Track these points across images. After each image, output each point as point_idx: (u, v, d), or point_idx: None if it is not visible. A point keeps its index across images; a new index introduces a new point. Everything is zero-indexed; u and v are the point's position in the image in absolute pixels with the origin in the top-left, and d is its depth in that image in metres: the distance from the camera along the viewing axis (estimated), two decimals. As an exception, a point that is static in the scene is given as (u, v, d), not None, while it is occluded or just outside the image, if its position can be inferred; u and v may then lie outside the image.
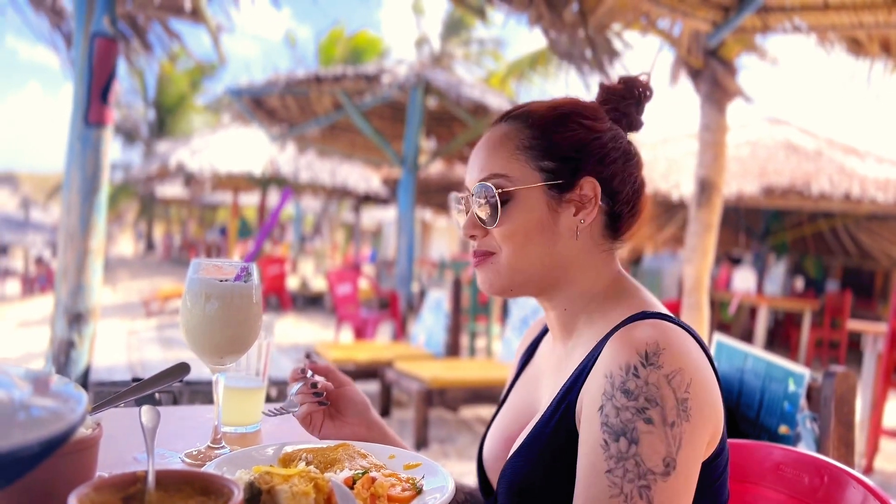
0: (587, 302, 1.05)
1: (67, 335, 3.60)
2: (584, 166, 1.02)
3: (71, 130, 3.43)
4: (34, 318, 13.50)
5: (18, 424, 0.51)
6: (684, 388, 0.86)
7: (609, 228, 1.06)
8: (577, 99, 1.09)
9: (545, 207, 1.02)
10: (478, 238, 1.06)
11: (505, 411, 1.19)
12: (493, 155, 1.04)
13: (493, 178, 1.02)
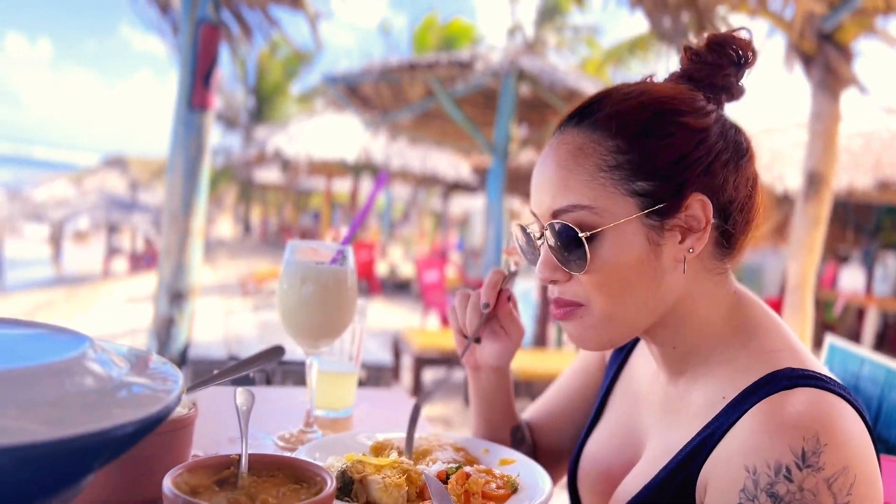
0: (701, 338, 0.86)
1: (169, 312, 3.75)
2: (689, 180, 0.80)
3: (175, 114, 3.55)
4: (140, 295, 14.26)
5: (117, 403, 0.50)
6: (846, 490, 0.69)
7: (721, 246, 0.86)
8: (668, 87, 0.86)
9: (644, 241, 0.80)
10: (559, 283, 0.85)
11: (603, 431, 1.03)
12: (569, 177, 0.81)
13: (573, 211, 0.81)
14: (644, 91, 0.84)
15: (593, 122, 0.83)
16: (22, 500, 0.47)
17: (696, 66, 0.88)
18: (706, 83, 0.87)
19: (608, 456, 0.98)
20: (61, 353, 0.53)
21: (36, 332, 0.60)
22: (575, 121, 0.85)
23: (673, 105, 0.82)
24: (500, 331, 1.06)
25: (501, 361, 1.07)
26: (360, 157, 13.53)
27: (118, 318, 12.10)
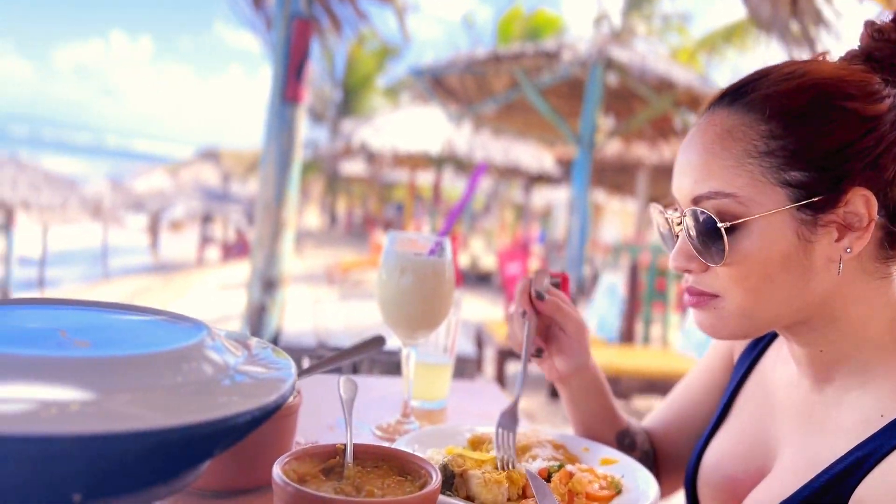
0: (854, 346, 0.78)
1: (261, 300, 3.87)
2: (851, 172, 0.73)
3: (269, 108, 3.64)
4: (232, 282, 14.80)
5: (235, 391, 0.51)
6: None
7: (884, 248, 0.77)
8: (837, 67, 0.77)
9: (793, 236, 0.74)
10: (694, 273, 0.80)
11: (728, 436, 0.96)
12: (713, 161, 0.76)
13: (714, 199, 0.75)
14: (807, 71, 0.76)
15: (746, 104, 0.76)
16: (144, 483, 0.48)
17: (878, 45, 0.79)
18: (887, 64, 0.78)
19: (733, 463, 0.92)
20: (181, 341, 0.54)
21: (157, 319, 0.61)
22: (727, 101, 0.78)
23: (839, 88, 0.74)
24: (559, 332, 1.01)
25: (576, 361, 1.01)
26: (443, 149, 13.60)
27: (211, 304, 12.60)
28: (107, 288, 16.82)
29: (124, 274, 18.98)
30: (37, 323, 0.54)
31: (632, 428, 1.08)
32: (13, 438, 0.37)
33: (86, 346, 0.50)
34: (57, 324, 0.54)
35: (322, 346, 3.75)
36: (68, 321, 0.56)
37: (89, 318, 0.58)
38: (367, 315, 5.32)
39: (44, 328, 0.53)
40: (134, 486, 0.47)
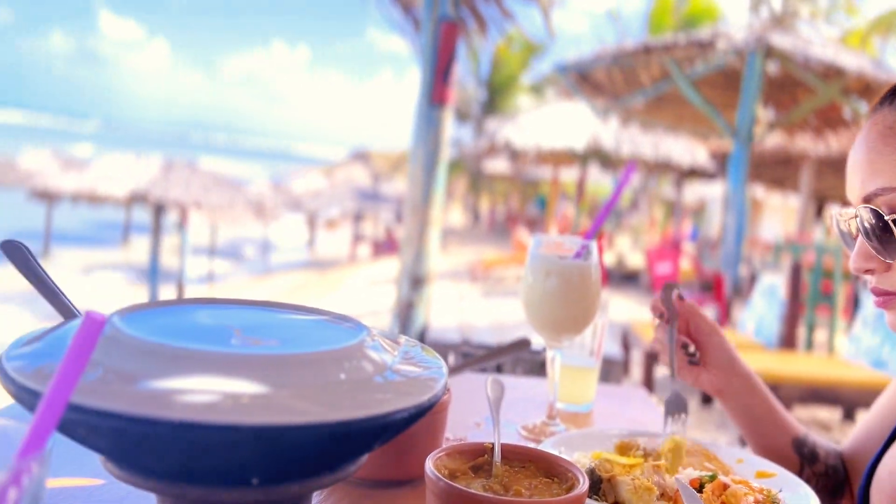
0: None
1: (409, 296, 3.99)
2: None
3: (416, 110, 3.75)
4: (381, 278, 15.36)
5: (392, 389, 0.54)
6: None
7: None
8: None
9: None
10: (876, 273, 0.79)
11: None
12: (877, 159, 0.76)
13: (882, 195, 0.75)
14: None
15: None
16: (311, 471, 0.52)
17: None
18: None
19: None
20: (344, 341, 0.58)
21: (321, 319, 0.66)
22: (889, 99, 0.79)
23: None
24: (697, 337, 1.01)
25: (722, 363, 1.00)
26: (588, 145, 13.36)
27: (362, 298, 13.14)
28: (268, 281, 17.98)
29: (284, 269, 20.22)
30: (213, 321, 0.60)
31: (812, 438, 1.02)
32: (198, 426, 0.42)
33: (258, 344, 0.55)
34: (231, 322, 0.60)
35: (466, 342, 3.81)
36: (241, 320, 0.61)
37: (260, 317, 0.64)
38: (510, 312, 5.35)
39: (220, 326, 0.59)
40: (302, 474, 0.52)
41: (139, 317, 0.52)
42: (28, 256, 0.62)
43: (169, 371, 0.45)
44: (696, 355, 1.02)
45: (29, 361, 0.45)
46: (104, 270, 17.07)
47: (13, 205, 17.02)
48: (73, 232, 21.25)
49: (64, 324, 0.53)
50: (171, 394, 0.43)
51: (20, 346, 0.49)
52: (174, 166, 12.41)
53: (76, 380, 0.37)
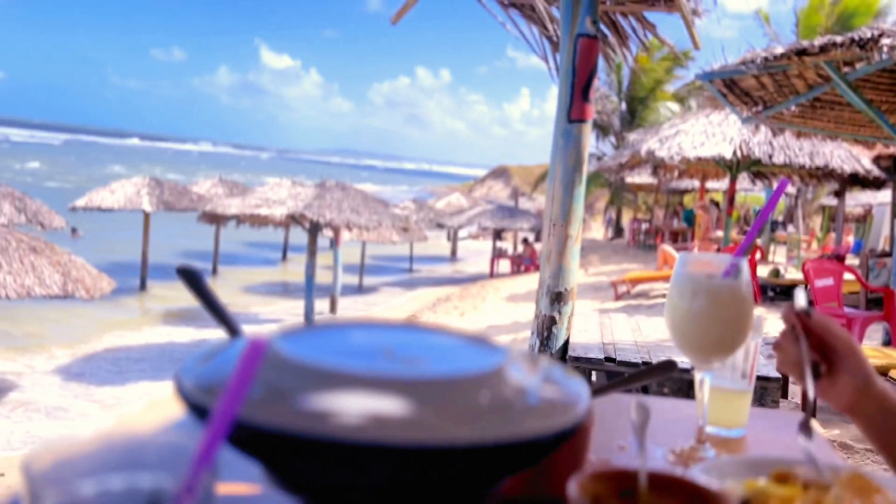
0: None
1: (549, 312, 3.96)
2: None
3: (555, 127, 3.74)
4: (520, 293, 15.34)
5: (535, 413, 0.54)
6: None
7: None
8: None
9: None
10: None
11: None
12: None
13: None
14: None
15: None
16: (454, 492, 0.54)
17: None
18: None
19: None
20: (487, 363, 0.59)
21: (464, 340, 0.68)
22: None
23: None
24: (830, 353, 0.94)
25: (856, 379, 0.92)
26: (737, 154, 12.71)
27: (502, 314, 13.18)
28: (413, 296, 18.45)
29: (427, 284, 20.69)
30: (365, 343, 0.63)
31: None
32: (348, 444, 0.45)
33: (407, 366, 0.57)
34: (381, 344, 0.63)
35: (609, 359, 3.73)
36: (390, 342, 0.64)
37: (407, 338, 0.67)
38: (654, 330, 5.17)
39: (371, 348, 0.61)
40: (447, 495, 0.53)
41: (297, 338, 0.56)
42: (200, 281, 0.68)
43: (324, 390, 0.48)
44: (820, 371, 0.95)
45: (201, 379, 0.50)
46: (265, 286, 18.24)
47: (187, 227, 18.58)
48: (238, 251, 22.89)
49: (231, 343, 0.58)
50: (325, 412, 0.46)
51: (193, 363, 0.54)
52: (327, 189, 13.08)
53: (241, 398, 0.41)
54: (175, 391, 0.50)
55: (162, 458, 0.42)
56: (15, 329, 11.80)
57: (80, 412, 8.82)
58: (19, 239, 8.87)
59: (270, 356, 0.50)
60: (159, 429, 0.47)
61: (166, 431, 0.49)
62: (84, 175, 44.97)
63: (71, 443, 0.39)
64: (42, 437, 7.94)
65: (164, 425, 0.48)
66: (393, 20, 4.98)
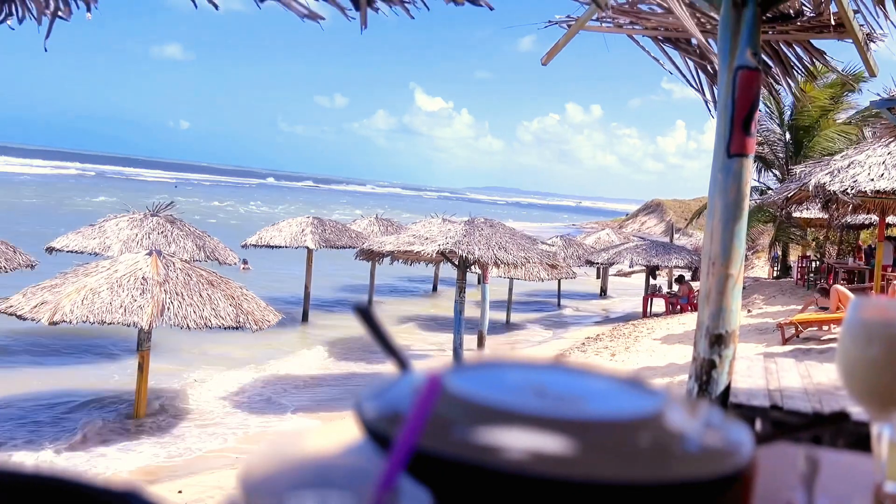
0: None
1: (709, 355, 3.79)
2: None
3: (714, 161, 3.61)
4: (676, 334, 14.72)
5: (692, 457, 0.55)
6: None
7: None
8: None
9: None
10: None
11: None
12: None
13: None
14: None
15: None
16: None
17: None
18: None
19: None
20: (644, 406, 0.60)
21: (619, 382, 0.69)
22: None
23: None
24: None
25: None
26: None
27: (657, 355, 12.70)
28: (562, 334, 18.22)
29: (576, 322, 20.38)
30: (527, 379, 0.66)
31: None
32: (510, 476, 0.48)
33: (569, 404, 0.59)
34: (540, 382, 0.65)
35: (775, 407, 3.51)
36: (551, 380, 0.66)
37: (563, 378, 0.69)
38: (826, 376, 4.79)
39: (533, 385, 0.64)
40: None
41: (463, 374, 0.60)
42: (373, 318, 0.74)
43: (491, 425, 0.51)
44: None
45: (381, 409, 0.55)
46: (416, 319, 18.76)
47: (346, 262, 19.56)
48: (392, 283, 23.75)
49: (404, 377, 0.63)
50: (495, 446, 0.50)
51: (371, 394, 0.60)
52: (476, 226, 13.34)
53: (420, 428, 0.45)
54: (356, 419, 0.55)
55: (348, 479, 0.48)
56: (190, 355, 12.89)
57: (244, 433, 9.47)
58: (199, 273, 9.73)
59: (443, 391, 0.54)
60: (343, 451, 0.52)
61: (349, 454, 0.54)
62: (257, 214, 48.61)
63: (274, 457, 0.45)
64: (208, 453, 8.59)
65: (345, 448, 0.54)
66: (544, 61, 5.06)
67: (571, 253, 21.68)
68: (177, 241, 13.68)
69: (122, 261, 9.55)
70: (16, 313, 8.72)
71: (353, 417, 0.57)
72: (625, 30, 4.64)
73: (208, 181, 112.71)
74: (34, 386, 10.68)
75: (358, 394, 0.60)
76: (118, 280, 9.00)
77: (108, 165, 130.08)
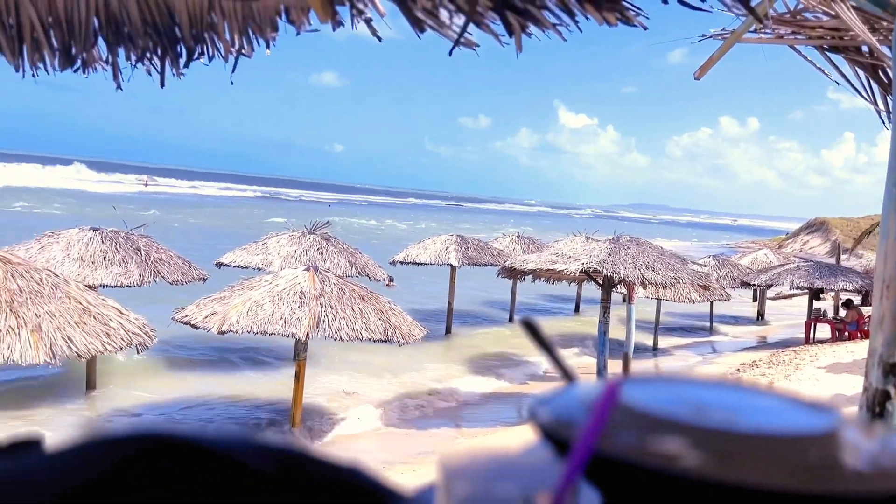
0: None
1: (883, 385, 3.50)
2: None
3: (889, 175, 3.36)
4: (844, 363, 13.62)
5: (867, 476, 0.55)
6: None
7: None
8: None
9: None
10: None
11: None
12: None
13: None
14: None
15: None
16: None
17: None
18: None
19: None
20: (817, 423, 0.60)
21: (789, 400, 0.69)
22: None
23: None
24: None
25: None
26: None
27: (822, 384, 11.81)
28: (713, 358, 17.37)
29: (730, 348, 19.35)
30: (693, 394, 0.68)
31: None
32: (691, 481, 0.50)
33: (738, 418, 0.61)
34: (709, 398, 0.67)
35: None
36: (718, 395, 0.68)
37: (727, 395, 0.70)
38: None
39: (699, 398, 0.66)
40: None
41: (636, 386, 0.63)
42: (539, 331, 0.79)
43: (662, 433, 0.54)
44: None
45: (556, 415, 0.59)
46: (557, 338, 18.59)
47: (487, 280, 19.77)
48: (533, 302, 23.69)
49: (573, 387, 0.67)
50: (662, 452, 0.52)
51: (543, 402, 0.64)
52: (621, 244, 13.05)
53: (598, 433, 0.49)
54: (532, 423, 0.60)
55: (529, 475, 0.52)
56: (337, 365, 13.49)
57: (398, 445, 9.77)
58: (351, 288, 10.21)
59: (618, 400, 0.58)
60: (522, 451, 0.57)
61: (528, 454, 0.59)
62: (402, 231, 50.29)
63: (467, 452, 0.51)
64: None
65: (524, 448, 0.59)
66: (697, 76, 4.92)
67: (725, 274, 20.66)
68: (331, 257, 14.43)
69: (282, 276, 10.20)
70: (190, 322, 9.54)
71: (528, 422, 0.61)
72: (786, 40, 4.42)
73: (359, 201, 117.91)
74: (200, 390, 11.63)
75: (532, 401, 0.65)
76: (279, 293, 9.63)
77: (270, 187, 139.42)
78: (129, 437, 0.51)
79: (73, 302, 8.23)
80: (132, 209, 39.35)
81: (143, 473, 0.46)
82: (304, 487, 0.46)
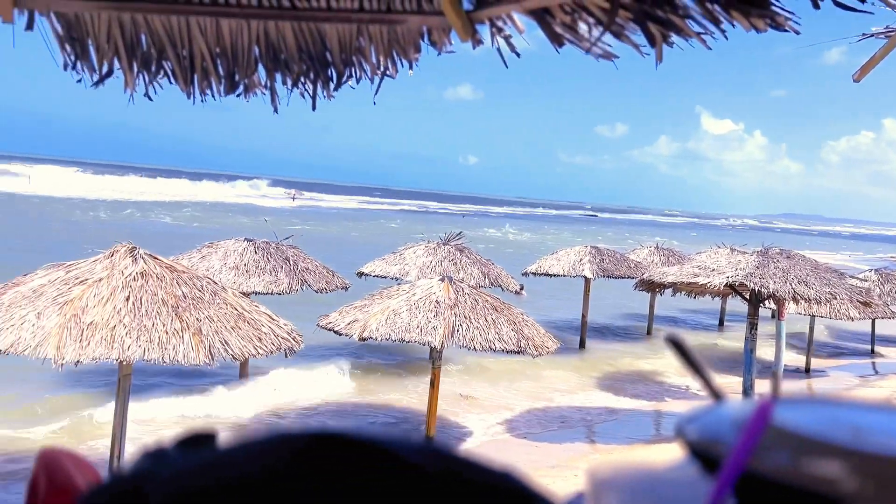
0: None
1: None
2: None
3: None
4: None
5: None
6: None
7: None
8: None
9: None
10: None
11: None
12: None
13: None
14: None
15: None
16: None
17: None
18: None
19: None
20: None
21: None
22: None
23: None
24: None
25: None
26: None
27: None
28: (876, 381, 15.99)
29: (893, 371, 17.74)
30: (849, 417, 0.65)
31: None
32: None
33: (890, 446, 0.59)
34: (866, 419, 0.65)
35: None
36: (867, 420, 0.65)
37: (887, 419, 0.67)
38: None
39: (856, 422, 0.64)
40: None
41: (788, 406, 0.62)
42: (686, 349, 0.79)
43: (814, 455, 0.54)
44: None
45: (706, 433, 0.59)
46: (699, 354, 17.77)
47: (624, 292, 19.32)
48: (673, 315, 22.82)
49: (721, 405, 0.67)
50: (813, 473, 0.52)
51: (691, 420, 0.64)
52: (770, 257, 12.32)
53: (749, 451, 0.50)
54: (680, 440, 0.61)
55: (676, 490, 0.53)
56: (469, 373, 13.60)
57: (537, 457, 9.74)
58: (485, 299, 10.29)
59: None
60: (669, 466, 0.58)
61: (675, 469, 0.60)
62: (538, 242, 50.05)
63: (615, 464, 0.53)
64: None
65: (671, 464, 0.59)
66: (856, 77, 4.60)
67: (890, 289, 18.97)
68: (465, 268, 14.61)
69: (418, 285, 10.46)
70: (333, 329, 9.99)
71: (677, 438, 0.62)
72: (960, 36, 4.05)
73: (492, 212, 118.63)
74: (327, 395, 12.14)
75: (679, 418, 0.65)
76: (415, 303, 9.88)
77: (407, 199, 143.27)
78: (304, 434, 0.57)
79: (229, 308, 8.83)
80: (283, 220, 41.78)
81: (318, 467, 0.52)
82: (463, 489, 0.50)
